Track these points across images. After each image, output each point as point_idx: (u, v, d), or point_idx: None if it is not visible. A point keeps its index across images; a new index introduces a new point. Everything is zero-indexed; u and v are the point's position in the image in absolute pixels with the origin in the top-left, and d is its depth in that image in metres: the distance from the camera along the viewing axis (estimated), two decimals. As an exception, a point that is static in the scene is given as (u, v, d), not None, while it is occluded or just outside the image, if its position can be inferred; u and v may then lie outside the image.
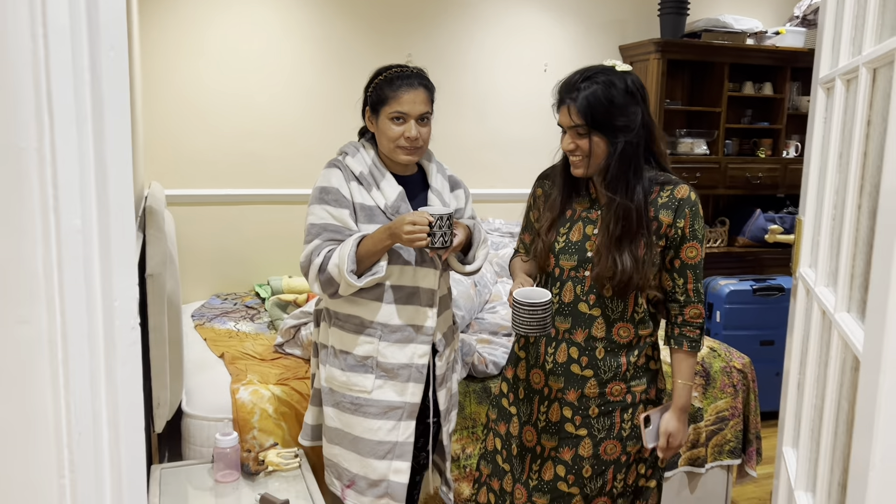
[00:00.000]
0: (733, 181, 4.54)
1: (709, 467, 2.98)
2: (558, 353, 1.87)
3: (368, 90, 1.99)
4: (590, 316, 1.83)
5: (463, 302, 2.98)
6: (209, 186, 3.73)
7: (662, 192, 1.80)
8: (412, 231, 1.80)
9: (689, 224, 1.79)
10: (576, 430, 1.88)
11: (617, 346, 1.84)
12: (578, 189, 1.88)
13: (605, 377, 1.84)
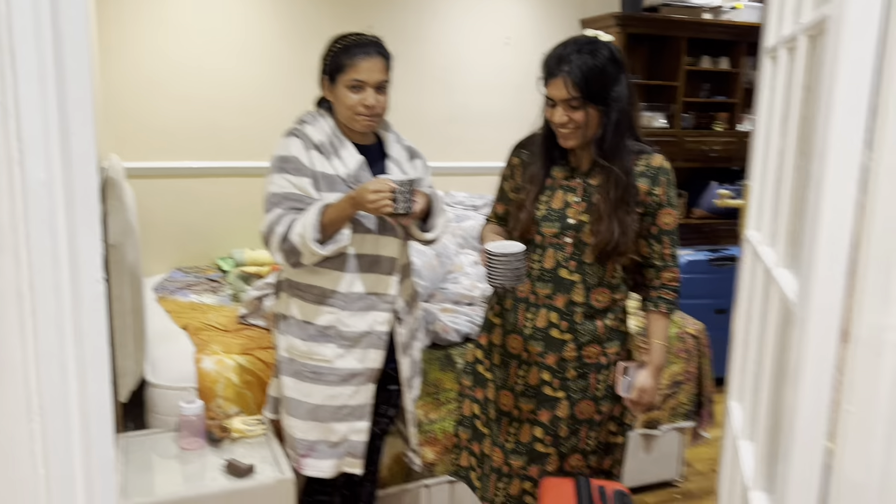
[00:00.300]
0: (690, 154, 4.64)
1: (664, 429, 3.08)
2: (538, 319, 1.92)
3: (325, 58, 1.99)
4: (570, 282, 1.88)
5: (426, 272, 3.02)
6: (169, 159, 3.69)
7: (639, 160, 1.85)
8: (376, 198, 1.81)
9: (665, 191, 1.84)
10: (554, 392, 1.94)
11: (594, 310, 1.90)
12: (556, 158, 1.91)
13: (582, 340, 1.90)
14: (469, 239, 3.56)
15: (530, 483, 2.00)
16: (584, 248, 1.85)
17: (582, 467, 2.00)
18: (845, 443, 0.79)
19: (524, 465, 2.00)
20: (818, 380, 0.85)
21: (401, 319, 2.11)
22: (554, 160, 1.91)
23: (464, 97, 4.32)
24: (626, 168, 1.81)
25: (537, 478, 2.00)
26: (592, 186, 1.85)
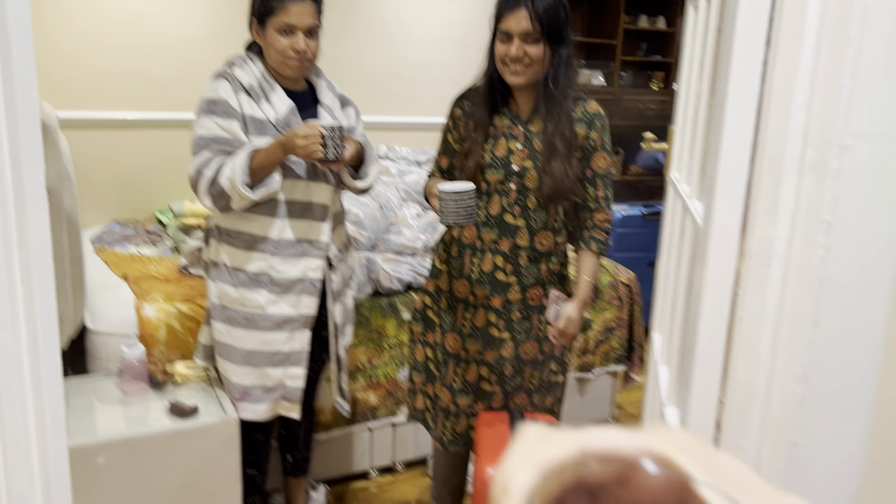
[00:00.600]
0: (628, 112, 4.75)
1: (597, 373, 3.23)
2: (484, 263, 1.99)
3: (255, 2, 1.96)
4: (515, 226, 1.95)
5: (369, 223, 3.06)
6: (104, 109, 3.61)
7: (576, 107, 1.91)
8: (306, 143, 1.81)
9: (599, 136, 1.92)
10: (499, 333, 2.02)
11: (538, 253, 1.97)
12: (499, 107, 1.96)
13: (526, 283, 1.98)
14: (412, 193, 3.61)
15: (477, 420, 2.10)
16: (527, 193, 1.92)
17: (526, 405, 2.10)
18: (738, 347, 0.89)
19: (471, 404, 2.09)
20: (719, 292, 0.94)
21: (333, 266, 2.12)
22: (496, 109, 1.96)
23: (405, 51, 4.32)
24: (568, 113, 1.87)
25: None
26: (533, 133, 1.92)
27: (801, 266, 0.79)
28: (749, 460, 0.86)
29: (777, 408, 0.83)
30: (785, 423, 0.82)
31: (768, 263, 0.82)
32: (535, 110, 1.92)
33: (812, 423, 0.80)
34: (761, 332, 0.84)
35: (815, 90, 0.76)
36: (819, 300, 0.77)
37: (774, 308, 0.83)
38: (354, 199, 3.06)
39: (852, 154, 0.74)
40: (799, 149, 0.78)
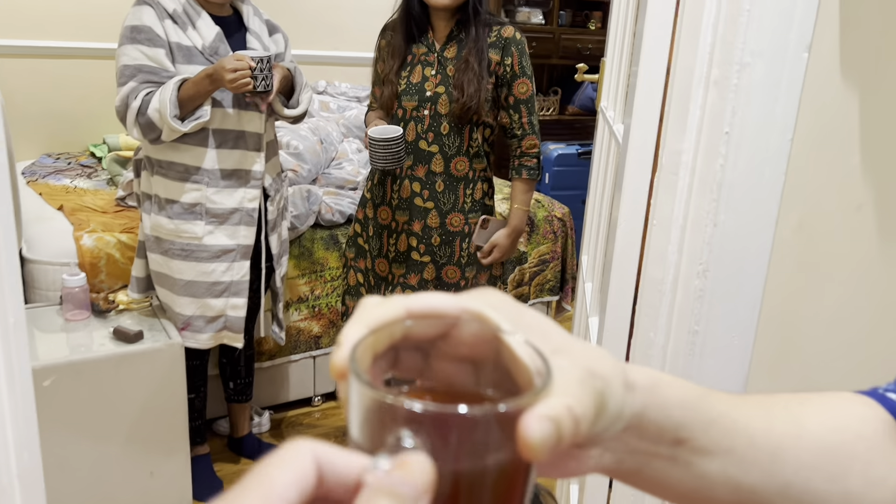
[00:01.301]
0: (566, 52, 4.82)
1: (531, 303, 3.37)
2: (402, 189, 2.06)
3: None
4: (429, 153, 2.01)
5: (309, 157, 3.08)
6: (34, 37, 3.48)
7: (492, 31, 1.97)
8: (234, 77, 1.79)
9: (517, 62, 1.98)
10: (420, 257, 2.10)
11: (455, 179, 2.04)
12: (416, 36, 2.01)
13: (444, 209, 2.06)
14: (352, 128, 3.63)
15: None
16: (440, 119, 1.98)
17: (458, 279, 2.20)
18: (649, 251, 0.99)
19: None
20: (635, 203, 1.03)
21: (269, 197, 2.15)
22: (414, 38, 2.01)
23: (345, -15, 4.25)
24: (483, 36, 1.94)
25: None
26: (448, 59, 1.98)
27: (704, 174, 0.88)
28: (657, 351, 0.97)
29: (681, 301, 0.93)
30: (687, 315, 0.93)
31: (676, 173, 0.92)
32: (451, 37, 1.99)
33: (710, 312, 0.91)
34: (670, 235, 0.94)
35: (720, 13, 0.84)
36: (718, 203, 0.87)
37: (681, 213, 0.92)
38: (294, 133, 3.06)
39: (749, 70, 0.83)
40: (706, 67, 0.87)
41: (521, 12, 4.64)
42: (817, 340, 0.87)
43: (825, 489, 0.39)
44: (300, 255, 2.69)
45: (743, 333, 0.92)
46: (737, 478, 0.38)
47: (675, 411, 0.37)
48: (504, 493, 0.30)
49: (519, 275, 3.27)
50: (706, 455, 0.38)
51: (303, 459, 0.27)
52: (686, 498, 0.39)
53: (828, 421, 0.41)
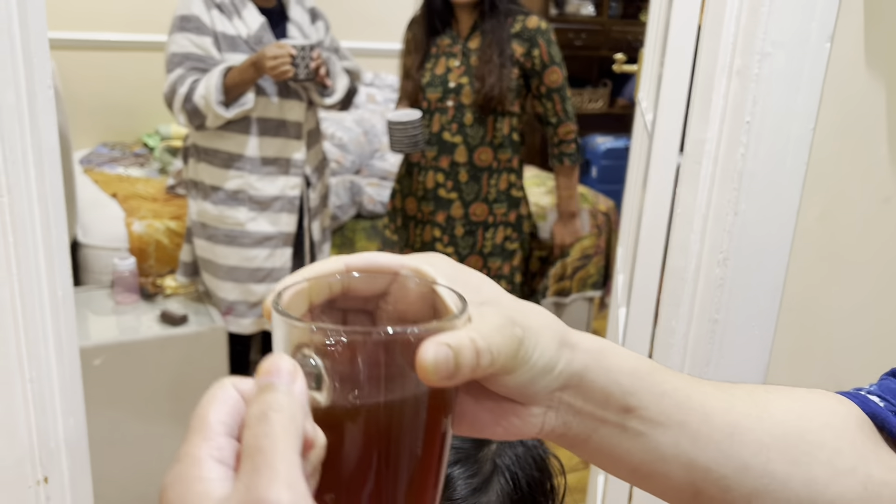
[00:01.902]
0: (616, 43, 4.77)
1: (573, 298, 3.36)
2: (427, 180, 2.09)
3: None
4: (452, 143, 2.04)
5: (353, 148, 3.13)
6: (93, 29, 3.61)
7: (515, 22, 1.99)
8: (275, 64, 1.84)
9: (545, 51, 1.99)
10: (444, 248, 2.13)
11: (478, 169, 2.07)
12: (439, 29, 2.03)
13: (468, 199, 2.08)
14: (396, 120, 3.67)
15: None
16: (464, 110, 2.01)
17: (481, 267, 2.22)
18: (673, 240, 0.99)
19: None
20: (661, 192, 1.04)
21: (311, 184, 2.20)
22: (437, 31, 2.03)
23: (393, -22, 4.29)
24: (506, 27, 1.96)
25: None
26: (471, 50, 2.00)
27: (726, 163, 0.89)
28: (678, 339, 0.98)
29: (702, 290, 0.94)
30: (708, 303, 0.93)
31: (700, 162, 0.92)
32: (475, 27, 2.00)
33: (730, 301, 0.92)
34: (692, 224, 0.94)
35: (743, 3, 0.84)
36: (739, 192, 0.88)
37: (704, 202, 0.93)
38: (339, 124, 3.12)
39: (770, 60, 0.83)
40: (729, 57, 0.87)
41: (572, 3, 4.62)
42: (840, 331, 0.87)
43: (786, 472, 0.38)
44: (342, 245, 2.74)
45: (763, 323, 0.92)
46: (690, 454, 0.37)
47: (624, 378, 0.37)
48: (414, 427, 0.32)
49: (561, 269, 3.27)
50: (657, 426, 0.37)
51: (228, 392, 0.29)
52: (638, 472, 0.38)
53: (795, 408, 0.40)
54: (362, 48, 4.20)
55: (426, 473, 0.34)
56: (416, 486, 0.33)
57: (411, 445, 0.33)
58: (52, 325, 0.90)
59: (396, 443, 0.32)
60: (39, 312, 0.85)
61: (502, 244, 2.15)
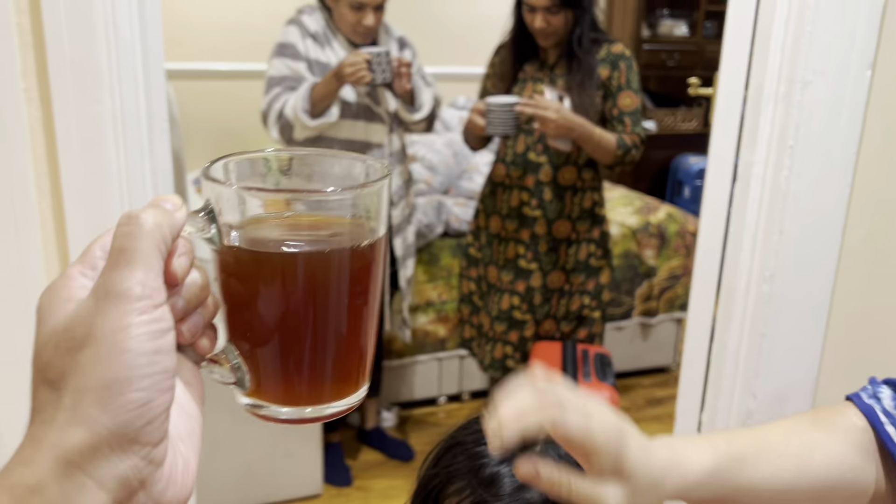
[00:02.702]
0: (711, 63, 4.71)
1: (660, 318, 3.35)
2: (511, 199, 2.18)
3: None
4: (537, 163, 2.12)
5: (442, 169, 3.26)
6: (205, 60, 3.92)
7: (601, 49, 2.05)
8: (353, 70, 1.96)
9: (624, 75, 2.05)
10: (528, 264, 2.21)
11: (562, 188, 2.13)
12: (528, 54, 2.12)
13: (551, 217, 2.15)
14: (487, 142, 3.78)
15: (511, 347, 2.29)
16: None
17: (553, 331, 2.28)
18: (727, 257, 1.04)
19: (505, 331, 2.29)
20: (716, 213, 1.09)
21: (394, 202, 2.32)
22: (525, 56, 2.12)
23: (487, 4, 4.43)
24: (591, 54, 2.03)
25: (516, 342, 2.28)
26: (558, 75, 2.08)
27: (772, 185, 0.94)
28: (730, 354, 1.03)
29: (752, 306, 0.98)
30: (757, 318, 0.98)
31: (749, 183, 0.97)
32: (561, 55, 2.08)
33: (777, 316, 0.96)
34: (742, 242, 0.99)
35: (787, 34, 0.90)
36: (784, 212, 0.92)
37: (753, 221, 0.98)
38: (430, 147, 3.26)
39: (812, 88, 0.87)
40: (775, 84, 0.92)
41: (664, 24, 4.61)
42: (891, 347, 0.90)
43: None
44: (429, 262, 2.86)
45: (811, 337, 0.95)
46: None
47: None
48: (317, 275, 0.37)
49: (647, 289, 3.27)
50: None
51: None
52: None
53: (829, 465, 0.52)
54: (454, 73, 4.36)
55: (331, 328, 0.38)
56: (320, 339, 0.38)
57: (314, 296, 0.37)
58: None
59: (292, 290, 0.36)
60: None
61: (586, 260, 2.21)
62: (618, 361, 3.31)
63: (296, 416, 0.40)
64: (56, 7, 0.84)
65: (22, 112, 0.87)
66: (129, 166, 0.93)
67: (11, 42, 0.84)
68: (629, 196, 3.59)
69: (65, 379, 0.31)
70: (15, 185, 0.87)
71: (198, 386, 0.38)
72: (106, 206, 0.92)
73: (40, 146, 0.89)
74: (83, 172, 0.90)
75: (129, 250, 0.31)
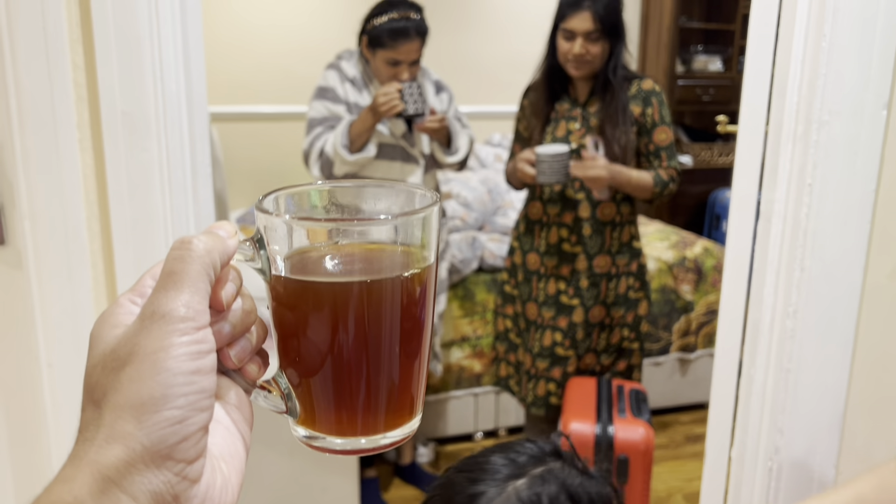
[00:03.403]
0: (745, 98, 4.72)
1: (698, 354, 3.31)
2: (550, 236, 2.20)
3: (368, 26, 2.20)
4: (575, 200, 2.14)
5: (477, 206, 3.30)
6: (250, 103, 4.06)
7: (632, 85, 2.09)
8: (385, 100, 2.02)
9: (657, 111, 2.07)
10: (569, 300, 2.22)
11: (601, 223, 2.15)
12: (559, 94, 2.16)
13: (591, 252, 2.17)
14: (521, 178, 3.82)
15: (554, 384, 2.30)
16: None
17: (594, 364, 2.28)
18: (752, 293, 1.06)
19: (547, 367, 2.29)
20: (740, 249, 1.11)
21: None
22: (556, 96, 2.16)
23: (521, 44, 4.51)
24: (623, 90, 2.06)
25: (559, 379, 2.29)
26: (591, 113, 2.11)
27: (793, 222, 0.95)
28: (758, 388, 1.03)
29: (776, 341, 0.99)
30: (781, 353, 0.99)
31: (770, 220, 0.99)
32: (593, 93, 2.11)
33: (801, 352, 0.97)
34: (766, 278, 1.01)
35: (803, 75, 0.92)
36: (804, 249, 0.94)
37: (775, 257, 0.99)
38: (465, 184, 3.31)
39: (828, 128, 0.89)
40: (793, 124, 0.94)
41: (699, 60, 4.63)
42: (917, 385, 0.90)
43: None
44: (464, 297, 2.89)
45: (836, 373, 0.96)
46: None
47: None
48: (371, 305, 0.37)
49: (685, 324, 3.24)
50: None
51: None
52: None
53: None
54: (490, 111, 4.43)
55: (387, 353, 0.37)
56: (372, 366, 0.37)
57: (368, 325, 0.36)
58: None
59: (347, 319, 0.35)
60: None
61: (626, 294, 2.22)
62: (656, 398, 3.29)
63: (351, 447, 0.39)
64: (109, 64, 0.91)
65: (76, 160, 0.93)
66: (174, 210, 0.98)
67: (68, 96, 0.91)
68: (665, 230, 3.59)
69: (106, 397, 0.32)
70: (69, 228, 0.94)
71: (247, 409, 0.39)
72: (152, 247, 0.98)
73: (92, 191, 0.96)
74: (131, 216, 0.96)
75: (177, 273, 0.32)
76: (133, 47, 0.92)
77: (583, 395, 2.19)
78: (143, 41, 0.92)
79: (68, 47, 0.89)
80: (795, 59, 0.93)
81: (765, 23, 1.02)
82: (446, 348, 2.85)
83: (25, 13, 0.87)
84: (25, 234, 0.93)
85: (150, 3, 0.92)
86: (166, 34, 0.94)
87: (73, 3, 0.91)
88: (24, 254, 0.93)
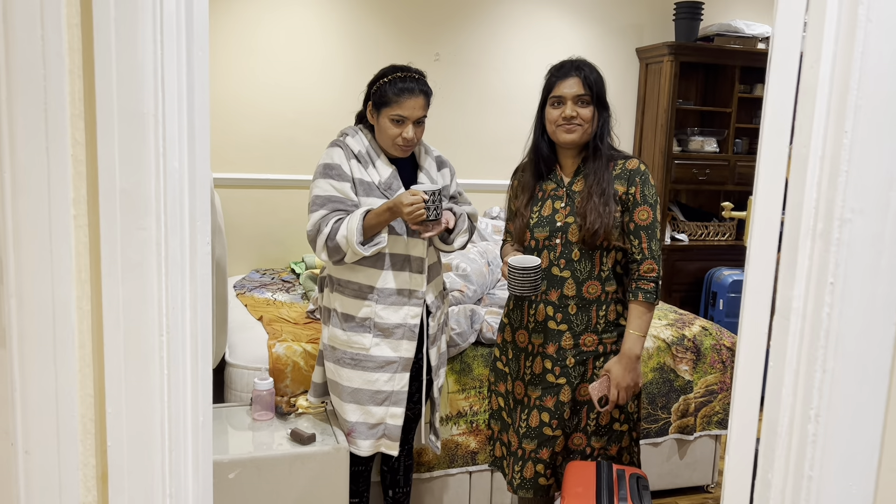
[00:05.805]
0: (742, 178, 4.76)
1: (697, 436, 3.23)
2: (537, 313, 2.18)
3: (373, 87, 2.25)
4: (561, 278, 2.13)
5: (476, 278, 3.27)
6: (252, 171, 4.07)
7: (616, 164, 2.10)
8: (412, 210, 2.07)
9: (639, 191, 2.08)
10: (556, 379, 2.17)
11: (587, 301, 2.13)
12: (545, 174, 2.19)
13: (577, 330, 2.14)
14: (520, 251, 3.80)
15: (542, 465, 2.22)
16: (571, 246, 2.11)
17: (584, 446, 2.21)
18: (768, 393, 1.01)
19: (535, 449, 2.22)
20: (755, 346, 1.07)
21: (431, 313, 2.35)
22: (542, 176, 2.18)
23: (521, 119, 4.57)
24: (607, 168, 2.10)
25: (547, 459, 2.21)
26: (575, 192, 2.13)
27: (813, 321, 0.92)
28: (775, 494, 0.98)
29: (796, 445, 0.95)
30: (801, 459, 0.94)
31: (788, 318, 0.96)
32: (577, 172, 2.14)
33: (823, 458, 0.92)
34: (783, 378, 0.97)
35: (822, 172, 0.90)
36: (826, 350, 0.90)
37: (794, 356, 0.95)
38: (464, 256, 3.28)
39: (850, 226, 0.87)
40: (812, 220, 0.92)
41: (695, 141, 4.69)
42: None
43: None
44: (461, 371, 2.83)
45: (861, 482, 0.91)
46: None
47: None
48: None
49: (683, 405, 3.17)
50: None
51: None
52: None
53: None
54: (489, 184, 4.45)
55: None
56: None
57: None
58: (192, 446, 1.04)
59: None
60: (183, 435, 0.98)
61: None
62: (654, 480, 3.19)
63: None
64: (111, 140, 0.89)
65: (70, 237, 0.90)
66: (169, 290, 0.94)
67: (66, 172, 0.88)
68: (663, 309, 3.55)
69: None
70: (57, 307, 0.90)
71: None
72: (144, 328, 0.94)
73: (85, 270, 0.92)
74: (123, 296, 0.92)
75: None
76: (136, 123, 0.89)
77: (582, 480, 2.11)
78: (148, 117, 0.90)
79: (69, 122, 0.87)
80: (814, 154, 0.91)
81: (781, 116, 1.01)
82: (443, 424, 2.77)
83: (26, 86, 0.85)
84: (11, 313, 0.88)
85: (156, 78, 0.90)
86: (171, 110, 0.92)
87: (77, 77, 0.89)
88: (8, 333, 0.89)
